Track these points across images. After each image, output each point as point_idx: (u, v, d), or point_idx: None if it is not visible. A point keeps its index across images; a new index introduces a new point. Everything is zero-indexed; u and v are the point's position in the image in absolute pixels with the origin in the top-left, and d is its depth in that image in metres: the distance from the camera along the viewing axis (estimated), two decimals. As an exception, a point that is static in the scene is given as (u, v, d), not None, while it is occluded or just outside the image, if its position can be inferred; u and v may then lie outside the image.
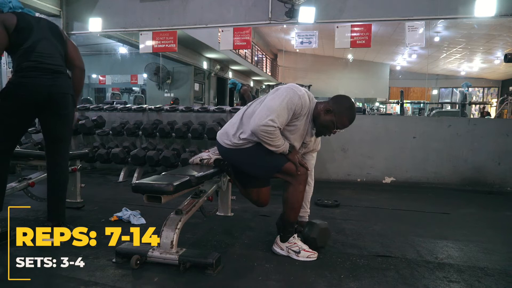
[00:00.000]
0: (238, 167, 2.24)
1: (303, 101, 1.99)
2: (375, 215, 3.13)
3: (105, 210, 3.07)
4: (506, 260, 2.16)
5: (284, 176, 2.08)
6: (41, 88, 2.21)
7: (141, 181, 1.92)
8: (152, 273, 1.85)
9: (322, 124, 2.07)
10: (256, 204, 2.43)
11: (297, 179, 2.06)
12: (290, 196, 2.09)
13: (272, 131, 1.91)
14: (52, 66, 2.26)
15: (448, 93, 15.95)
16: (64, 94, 2.31)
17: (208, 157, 2.47)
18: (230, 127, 2.17)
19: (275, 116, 1.90)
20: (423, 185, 4.44)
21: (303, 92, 2.02)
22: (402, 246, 2.33)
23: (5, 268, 1.91)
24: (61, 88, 2.29)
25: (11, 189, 2.68)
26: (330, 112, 2.04)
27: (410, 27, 4.45)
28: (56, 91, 2.26)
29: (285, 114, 1.94)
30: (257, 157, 2.06)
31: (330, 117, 2.04)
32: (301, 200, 2.13)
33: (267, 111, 1.92)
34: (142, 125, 4.67)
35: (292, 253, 2.09)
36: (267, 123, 1.89)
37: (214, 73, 12.26)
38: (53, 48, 2.31)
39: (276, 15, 4.74)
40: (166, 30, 5.19)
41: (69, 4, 5.62)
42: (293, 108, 1.96)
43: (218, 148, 2.28)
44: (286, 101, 1.94)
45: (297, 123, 2.03)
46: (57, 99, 2.28)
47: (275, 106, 1.93)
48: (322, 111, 2.06)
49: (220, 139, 2.20)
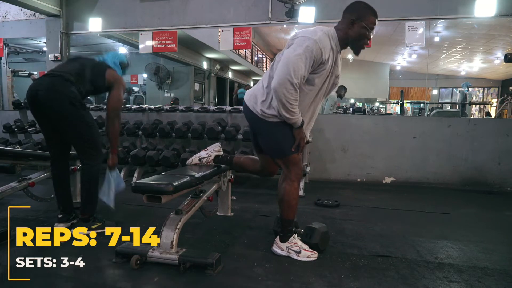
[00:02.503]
0: (255, 133, 2.21)
1: (321, 45, 1.88)
2: (375, 215, 3.13)
3: (105, 210, 3.06)
4: (506, 260, 2.16)
5: (285, 164, 2.07)
6: (30, 89, 2.35)
7: (141, 181, 1.92)
8: (152, 273, 1.85)
9: (358, 36, 1.96)
10: (262, 174, 2.42)
11: (293, 173, 2.05)
12: (286, 193, 2.07)
13: (293, 90, 1.85)
14: (52, 72, 2.38)
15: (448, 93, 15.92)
16: (48, 93, 2.32)
17: (207, 155, 2.46)
18: (258, 90, 2.09)
19: (294, 71, 1.84)
20: (423, 185, 4.44)
21: (319, 35, 1.90)
22: (402, 246, 2.33)
23: (5, 268, 1.91)
24: (44, 86, 2.35)
25: (11, 189, 2.68)
26: (354, 22, 1.95)
27: (410, 27, 4.45)
28: (40, 88, 2.34)
29: (305, 65, 1.86)
30: (274, 134, 2.04)
31: (358, 26, 1.94)
32: (297, 196, 2.10)
33: (286, 66, 1.86)
34: (142, 125, 4.67)
35: (293, 253, 2.08)
36: (290, 79, 1.83)
37: (214, 73, 12.26)
38: (76, 65, 2.48)
39: (276, 15, 4.74)
40: (166, 30, 5.19)
41: (69, 4, 5.62)
42: (312, 56, 1.86)
43: (243, 109, 2.19)
44: (304, 51, 1.85)
45: (325, 67, 1.94)
46: (40, 98, 2.33)
47: (293, 60, 1.85)
48: (348, 28, 1.96)
49: (248, 101, 2.11)
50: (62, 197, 2.56)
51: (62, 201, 2.56)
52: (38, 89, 2.32)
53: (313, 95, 2.04)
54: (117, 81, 2.53)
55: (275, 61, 2.05)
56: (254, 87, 2.18)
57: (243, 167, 2.47)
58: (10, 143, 4.79)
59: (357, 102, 16.28)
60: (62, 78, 2.37)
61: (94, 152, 2.45)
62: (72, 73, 2.42)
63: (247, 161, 2.48)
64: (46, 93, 2.31)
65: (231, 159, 2.48)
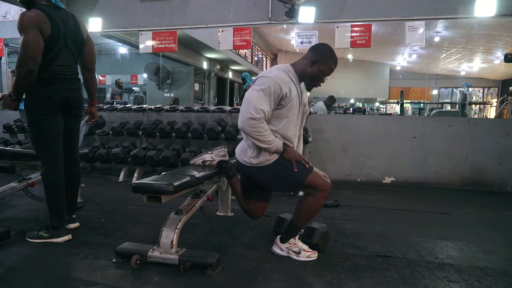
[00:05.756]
0: (261, 183, 2.16)
1: (278, 80, 1.94)
2: (375, 215, 3.13)
3: (105, 210, 3.07)
4: (506, 260, 2.16)
5: (308, 189, 2.02)
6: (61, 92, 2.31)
7: (141, 181, 1.92)
8: (152, 273, 1.85)
9: (313, 77, 2.05)
10: (248, 214, 2.37)
11: (321, 192, 2.00)
12: (309, 206, 2.02)
13: (257, 123, 1.89)
14: (67, 76, 2.34)
15: (448, 93, 15.93)
16: (77, 99, 2.42)
17: (211, 159, 2.45)
18: (243, 145, 2.14)
19: (253, 108, 1.89)
20: (423, 185, 4.44)
21: (274, 72, 1.98)
22: (402, 246, 2.33)
23: (5, 268, 1.91)
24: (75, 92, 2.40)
25: (11, 189, 2.68)
26: (316, 63, 2.03)
27: (410, 27, 4.45)
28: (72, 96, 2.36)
29: (265, 101, 1.91)
30: (278, 172, 2.02)
31: (317, 67, 2.03)
32: (318, 211, 2.06)
33: (247, 105, 1.93)
34: (142, 125, 4.68)
35: (292, 254, 2.09)
36: (250, 116, 1.89)
37: (214, 73, 12.27)
38: (71, 57, 2.37)
39: (276, 15, 4.74)
40: (166, 30, 5.19)
41: (69, 4, 5.61)
42: (271, 92, 1.92)
43: (239, 166, 2.20)
44: (262, 89, 1.92)
45: (291, 97, 1.99)
46: (73, 103, 2.38)
47: (253, 98, 1.93)
48: (307, 66, 2.04)
49: (239, 157, 2.15)
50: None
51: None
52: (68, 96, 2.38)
53: (293, 123, 2.06)
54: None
55: None
56: (241, 142, 2.19)
57: (236, 193, 2.43)
58: (10, 143, 4.79)
59: (357, 102, 16.31)
60: (79, 81, 2.50)
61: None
62: (77, 71, 2.48)
63: (241, 193, 2.41)
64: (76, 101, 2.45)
65: (231, 176, 2.45)
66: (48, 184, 2.29)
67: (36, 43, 2.11)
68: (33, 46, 2.11)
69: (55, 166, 2.30)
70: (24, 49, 2.10)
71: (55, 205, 2.30)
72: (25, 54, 2.10)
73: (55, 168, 2.30)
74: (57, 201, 2.31)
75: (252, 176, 2.15)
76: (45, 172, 2.30)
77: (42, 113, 2.24)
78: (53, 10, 2.24)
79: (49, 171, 2.29)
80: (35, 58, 2.12)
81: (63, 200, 2.34)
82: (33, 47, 2.11)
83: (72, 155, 2.50)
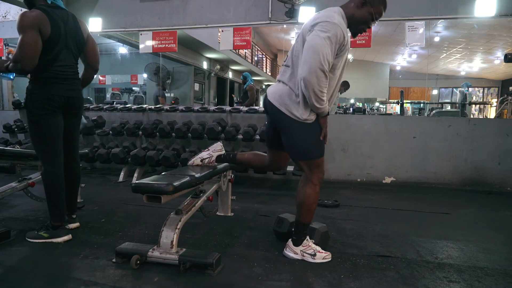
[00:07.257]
0: (277, 130, 2.09)
1: (343, 28, 1.82)
2: (375, 215, 3.13)
3: (105, 210, 3.07)
4: (506, 260, 2.15)
5: (308, 167, 1.99)
6: (62, 92, 2.31)
7: (141, 181, 1.92)
8: (152, 273, 1.85)
9: (362, 20, 1.93)
10: (270, 168, 2.37)
11: (316, 177, 1.98)
12: (307, 197, 1.99)
13: (324, 77, 1.78)
14: (68, 76, 2.34)
15: (448, 93, 15.93)
16: (78, 99, 2.43)
17: (209, 156, 2.45)
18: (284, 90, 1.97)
19: (323, 58, 1.76)
20: (423, 185, 4.44)
21: (338, 19, 1.84)
22: (402, 246, 2.33)
23: (5, 268, 1.91)
24: (76, 92, 2.41)
25: (11, 189, 2.68)
26: (365, 4, 1.90)
27: (410, 27, 4.45)
28: (72, 96, 2.37)
29: (330, 52, 1.79)
30: (305, 137, 1.96)
31: (367, 9, 1.90)
32: (317, 201, 2.03)
33: (314, 54, 1.77)
34: (142, 125, 4.68)
35: (308, 256, 2.03)
36: (321, 67, 1.76)
37: (214, 73, 12.27)
38: (71, 57, 2.37)
39: (276, 15, 4.74)
40: (166, 30, 5.19)
41: (69, 4, 5.61)
42: (337, 40, 1.80)
43: (268, 106, 2.05)
44: (328, 37, 1.77)
45: (346, 47, 1.88)
46: (74, 103, 2.39)
47: (320, 45, 1.77)
48: (356, 8, 1.91)
49: (274, 100, 1.99)
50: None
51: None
52: (69, 96, 2.39)
53: (336, 80, 1.97)
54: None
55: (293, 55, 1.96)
56: (276, 85, 2.07)
57: (248, 163, 2.42)
58: (10, 143, 4.80)
59: (357, 102, 16.31)
60: (79, 81, 2.52)
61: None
62: (78, 71, 2.50)
63: (252, 157, 2.42)
64: (77, 101, 2.47)
65: (234, 157, 2.43)
66: (48, 184, 2.29)
67: (33, 45, 2.12)
68: (29, 48, 2.12)
69: (55, 166, 2.30)
70: (20, 50, 2.11)
71: (55, 205, 2.30)
72: (20, 55, 2.11)
73: (55, 168, 2.30)
74: (57, 201, 2.31)
75: (280, 121, 2.01)
76: (45, 172, 2.30)
77: (43, 113, 2.24)
78: (53, 10, 2.24)
79: (49, 171, 2.29)
80: (29, 60, 2.12)
81: (63, 200, 2.34)
82: (29, 49, 2.11)
83: (72, 155, 2.50)
